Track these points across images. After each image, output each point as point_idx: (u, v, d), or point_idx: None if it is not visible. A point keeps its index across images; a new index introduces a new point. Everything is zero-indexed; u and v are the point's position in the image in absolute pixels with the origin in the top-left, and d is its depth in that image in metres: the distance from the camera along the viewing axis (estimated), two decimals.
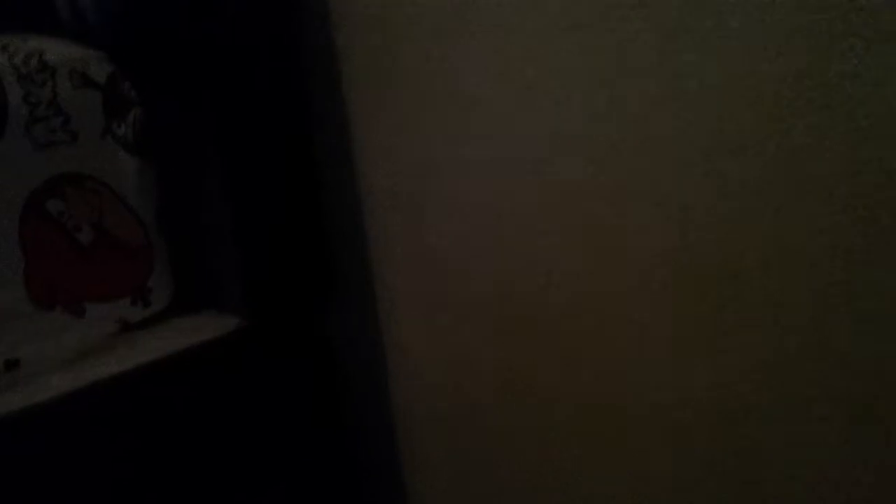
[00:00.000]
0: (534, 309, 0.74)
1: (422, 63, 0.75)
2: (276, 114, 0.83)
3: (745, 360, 0.58)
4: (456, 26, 0.71)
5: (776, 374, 0.56)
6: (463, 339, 0.81)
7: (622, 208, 0.63)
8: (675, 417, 0.65)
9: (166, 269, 0.80)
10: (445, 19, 0.71)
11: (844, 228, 0.49)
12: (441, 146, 0.76)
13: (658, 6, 0.55)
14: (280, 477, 0.82)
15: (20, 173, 0.71)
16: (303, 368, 0.84)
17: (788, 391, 0.56)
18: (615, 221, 0.65)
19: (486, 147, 0.71)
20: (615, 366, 0.68)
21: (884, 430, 0.51)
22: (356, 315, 0.88)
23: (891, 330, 0.49)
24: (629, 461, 0.69)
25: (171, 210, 0.81)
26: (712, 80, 0.54)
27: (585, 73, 0.62)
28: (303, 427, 0.83)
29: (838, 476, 0.54)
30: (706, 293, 0.59)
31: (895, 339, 0.48)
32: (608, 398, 0.69)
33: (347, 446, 0.90)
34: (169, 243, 0.80)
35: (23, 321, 0.69)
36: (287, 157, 0.85)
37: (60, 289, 0.72)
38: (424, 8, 0.73)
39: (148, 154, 0.79)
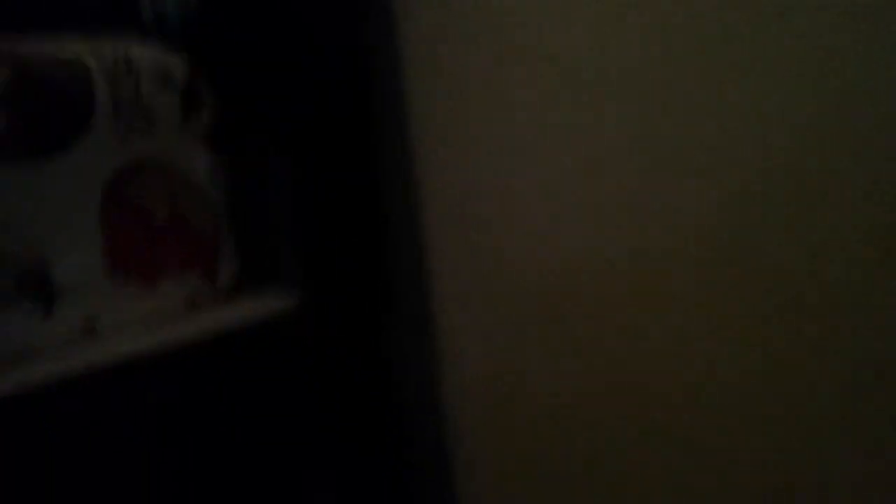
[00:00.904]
0: (591, 322, 0.74)
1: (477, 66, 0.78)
2: (341, 115, 0.88)
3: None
4: (514, 39, 0.74)
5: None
6: (516, 353, 0.82)
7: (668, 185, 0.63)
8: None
9: (232, 252, 0.85)
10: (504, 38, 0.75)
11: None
12: (498, 157, 0.79)
13: None
14: (327, 461, 0.84)
15: (104, 160, 0.78)
16: (356, 356, 0.86)
17: None
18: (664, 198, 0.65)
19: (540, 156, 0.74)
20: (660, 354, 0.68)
21: None
22: (410, 320, 0.90)
23: None
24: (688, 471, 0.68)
25: (239, 198, 0.87)
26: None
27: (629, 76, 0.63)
28: (352, 420, 0.86)
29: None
30: None
31: None
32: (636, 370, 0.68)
33: (398, 444, 0.91)
34: (235, 229, 0.86)
35: (100, 291, 0.75)
36: (348, 158, 0.89)
37: (136, 263, 0.78)
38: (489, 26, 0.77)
39: (219, 147, 0.85)
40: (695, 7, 0.58)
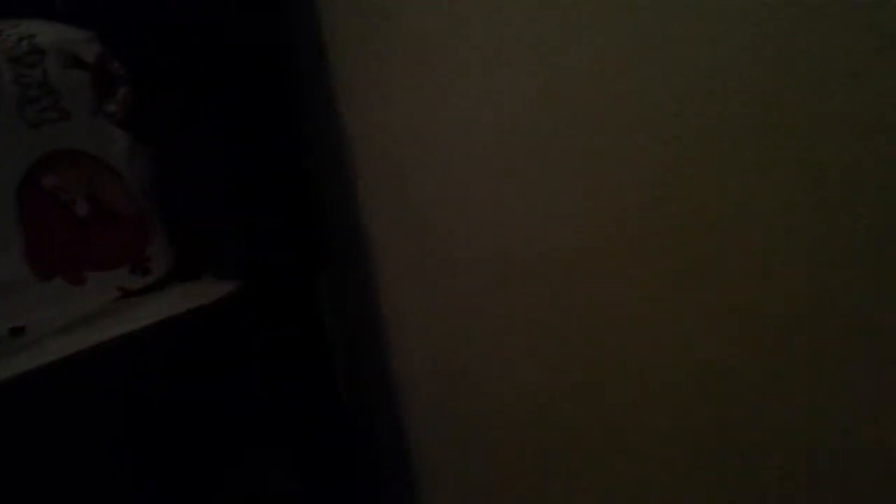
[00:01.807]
0: (520, 265, 0.74)
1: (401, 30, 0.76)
2: (264, 86, 0.85)
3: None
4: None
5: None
6: (450, 300, 0.82)
7: (599, 168, 0.63)
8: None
9: (164, 239, 0.82)
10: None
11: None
12: (424, 112, 0.77)
13: None
14: (275, 436, 0.84)
15: (15, 151, 0.74)
16: (298, 331, 0.86)
17: None
18: (595, 181, 0.64)
19: (468, 108, 0.72)
20: (588, 316, 0.68)
21: None
22: (348, 279, 0.90)
23: None
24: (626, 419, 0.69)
25: (168, 181, 0.84)
26: None
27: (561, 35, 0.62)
28: (297, 389, 0.85)
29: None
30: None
31: None
32: (591, 355, 0.69)
33: (343, 406, 0.92)
34: (167, 214, 0.83)
35: (25, 291, 0.72)
36: (276, 131, 0.87)
37: (60, 259, 0.75)
38: None
39: (139, 129, 0.81)
40: None
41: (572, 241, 0.67)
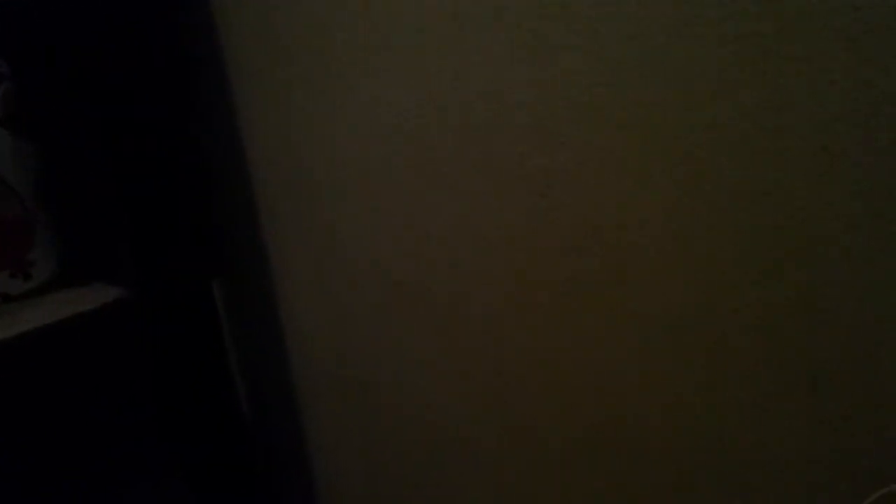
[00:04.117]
0: (413, 277, 0.74)
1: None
2: (157, 86, 0.83)
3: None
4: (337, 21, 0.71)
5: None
6: (349, 312, 0.81)
7: (490, 180, 0.63)
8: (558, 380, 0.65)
9: (49, 243, 0.80)
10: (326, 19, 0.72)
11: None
12: (325, 117, 0.76)
13: None
14: (169, 448, 0.82)
15: None
16: (189, 340, 0.84)
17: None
18: (486, 192, 0.65)
19: (362, 121, 0.72)
20: (484, 326, 0.69)
21: None
22: (248, 289, 0.88)
23: None
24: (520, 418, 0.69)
25: (55, 183, 0.81)
26: None
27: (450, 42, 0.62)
28: (192, 398, 0.83)
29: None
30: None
31: None
32: (490, 363, 0.69)
33: (241, 413, 0.90)
34: (53, 217, 0.80)
35: None
36: (171, 136, 0.85)
37: None
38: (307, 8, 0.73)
39: (21, 128, 0.79)
40: None
41: (462, 253, 0.67)
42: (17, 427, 0.74)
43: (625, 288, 0.56)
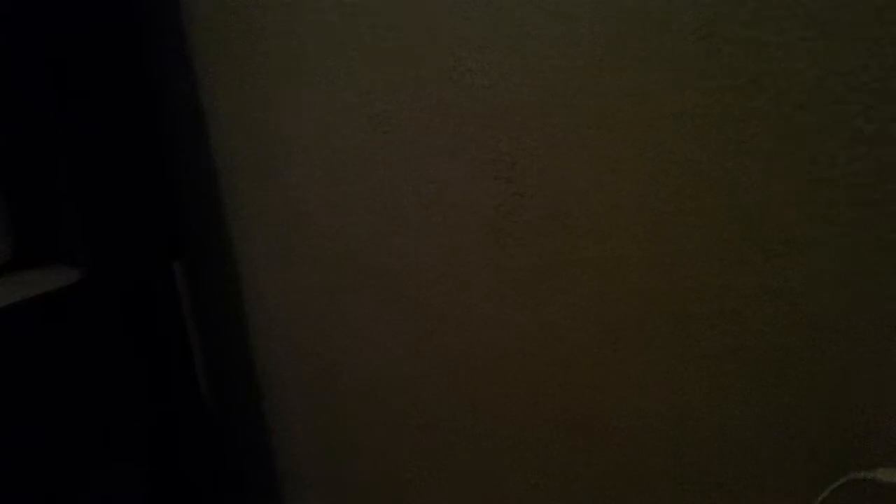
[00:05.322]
0: (380, 260, 0.73)
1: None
2: (114, 66, 0.80)
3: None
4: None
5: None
6: (315, 295, 0.80)
7: (458, 164, 0.63)
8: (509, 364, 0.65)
9: (4, 225, 0.77)
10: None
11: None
12: (287, 106, 0.75)
13: None
14: (128, 434, 0.80)
15: None
16: (147, 320, 0.82)
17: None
18: (453, 176, 0.64)
19: (323, 105, 0.71)
20: (451, 310, 0.69)
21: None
22: (211, 272, 0.86)
23: None
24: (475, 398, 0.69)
25: (9, 166, 0.78)
26: None
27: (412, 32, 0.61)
28: (151, 382, 0.81)
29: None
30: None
31: None
32: (458, 346, 0.69)
33: (202, 401, 0.88)
34: (8, 198, 0.77)
35: None
36: (127, 115, 0.82)
37: None
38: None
39: None
40: None
41: (430, 235, 0.67)
42: None
43: (590, 273, 0.56)
